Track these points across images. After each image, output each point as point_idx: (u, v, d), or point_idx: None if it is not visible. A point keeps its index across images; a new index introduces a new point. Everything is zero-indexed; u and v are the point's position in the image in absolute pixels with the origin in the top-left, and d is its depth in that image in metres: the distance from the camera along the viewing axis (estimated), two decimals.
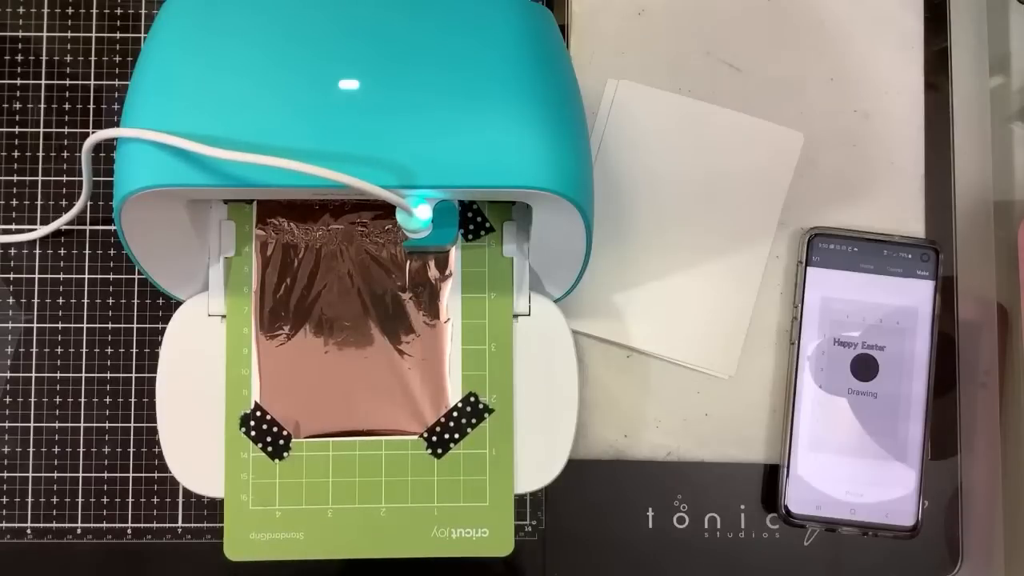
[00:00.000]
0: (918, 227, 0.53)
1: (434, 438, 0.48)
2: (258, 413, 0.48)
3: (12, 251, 0.52)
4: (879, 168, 0.53)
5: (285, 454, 0.48)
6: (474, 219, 0.49)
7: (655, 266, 0.52)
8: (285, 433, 0.48)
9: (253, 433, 0.48)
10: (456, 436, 0.48)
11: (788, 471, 0.50)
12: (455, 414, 0.48)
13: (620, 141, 0.52)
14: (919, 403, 0.51)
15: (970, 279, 0.53)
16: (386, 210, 0.49)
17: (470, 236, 0.49)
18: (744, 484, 0.52)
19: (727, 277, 0.52)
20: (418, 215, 0.41)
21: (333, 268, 0.49)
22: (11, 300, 0.52)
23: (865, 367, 0.51)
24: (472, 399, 0.48)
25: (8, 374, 0.52)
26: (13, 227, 0.52)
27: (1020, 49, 0.56)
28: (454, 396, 0.49)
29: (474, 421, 0.48)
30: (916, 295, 0.51)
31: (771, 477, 0.52)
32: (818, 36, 0.53)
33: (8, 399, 0.52)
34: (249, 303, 0.48)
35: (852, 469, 0.50)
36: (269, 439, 0.48)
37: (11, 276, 0.52)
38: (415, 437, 0.48)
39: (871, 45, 0.54)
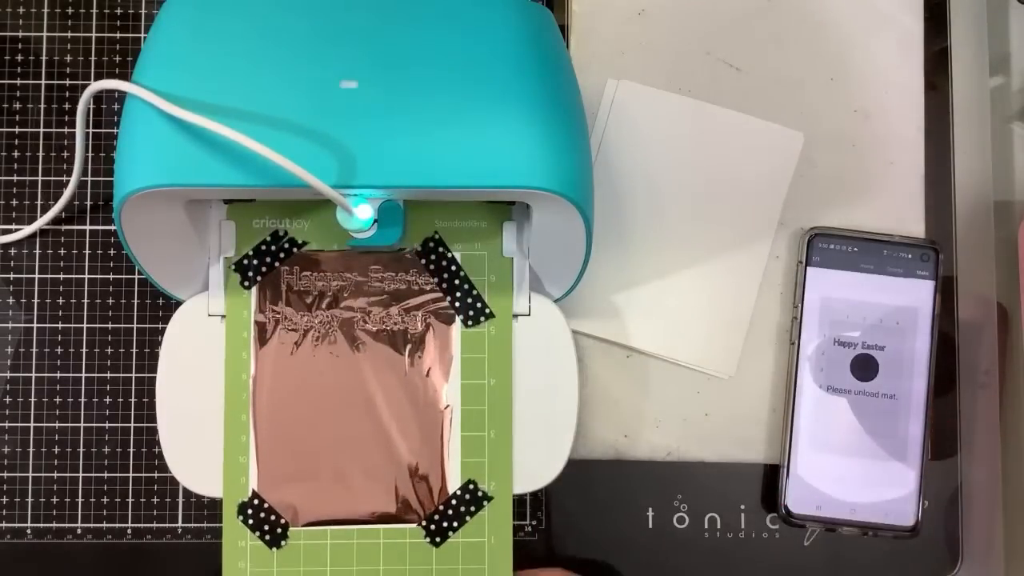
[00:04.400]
0: (918, 227, 0.53)
1: (432, 526, 0.48)
2: (255, 501, 0.48)
3: (12, 251, 0.52)
4: (879, 168, 0.53)
5: (283, 542, 0.48)
6: (474, 304, 0.49)
7: (655, 266, 0.52)
8: (283, 521, 0.48)
9: (251, 521, 0.48)
10: (455, 524, 0.48)
11: (788, 471, 0.50)
12: (454, 502, 0.48)
13: (620, 141, 0.52)
14: (919, 403, 0.51)
15: (970, 279, 0.53)
16: (388, 295, 0.49)
17: (470, 323, 0.49)
18: (744, 484, 0.52)
19: (727, 277, 0.52)
20: (358, 215, 0.41)
21: (332, 353, 0.48)
22: (11, 300, 0.52)
23: (865, 367, 0.51)
24: (471, 487, 0.48)
25: (8, 374, 0.52)
26: (13, 227, 0.52)
27: (1020, 49, 0.56)
28: (453, 484, 0.48)
29: (473, 509, 0.48)
30: (916, 295, 0.51)
31: (771, 477, 0.52)
32: (818, 36, 0.53)
33: (8, 399, 0.52)
34: (247, 389, 0.48)
35: (852, 469, 0.50)
36: (267, 527, 0.48)
37: (11, 276, 0.52)
38: (413, 525, 0.48)
39: (871, 45, 0.54)
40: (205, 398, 0.48)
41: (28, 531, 0.51)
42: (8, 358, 0.52)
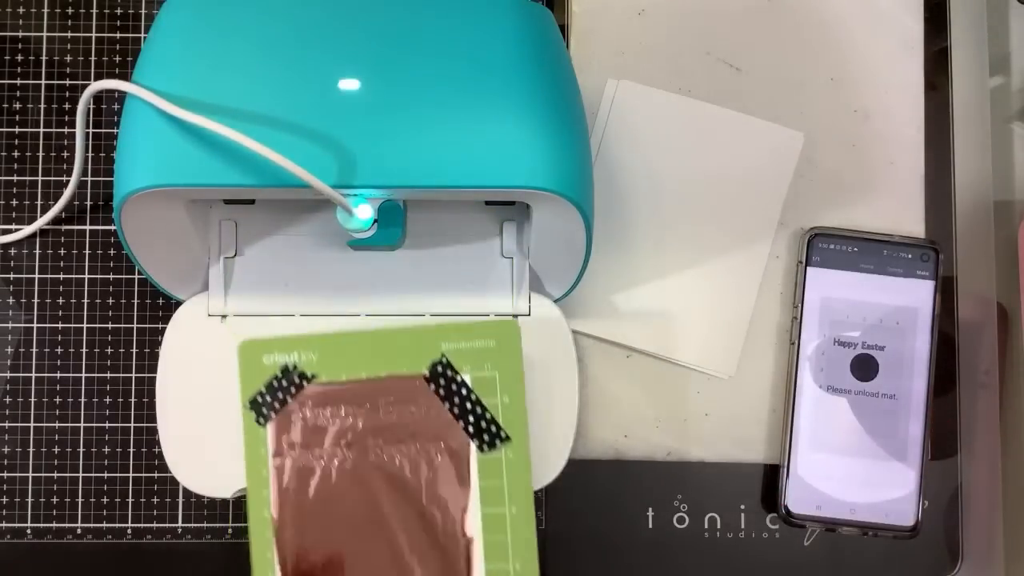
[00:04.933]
0: (918, 227, 0.53)
1: None
2: None
3: (12, 251, 0.52)
4: (879, 168, 0.53)
5: None
6: (488, 428, 0.47)
7: (655, 266, 0.52)
8: None
9: None
10: None
11: (788, 471, 0.50)
12: None
13: (620, 141, 0.52)
14: (919, 403, 0.51)
15: (970, 279, 0.53)
16: (401, 424, 0.47)
17: (485, 447, 0.47)
18: (744, 484, 0.52)
19: (727, 277, 0.52)
20: (359, 215, 0.41)
21: (351, 488, 0.47)
22: (11, 300, 0.52)
23: (865, 367, 0.51)
24: None
25: (8, 374, 0.52)
26: (13, 227, 0.52)
27: (1020, 49, 0.56)
28: None
29: None
30: (916, 295, 0.51)
31: (771, 477, 0.52)
32: (818, 36, 0.53)
33: (8, 399, 0.52)
34: (270, 527, 0.47)
35: (852, 469, 0.50)
36: None
37: (11, 276, 0.52)
38: None
39: (871, 45, 0.54)
40: (205, 398, 0.48)
41: (28, 531, 0.51)
42: (8, 358, 0.52)
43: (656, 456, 0.52)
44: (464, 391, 0.47)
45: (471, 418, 0.47)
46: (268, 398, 0.48)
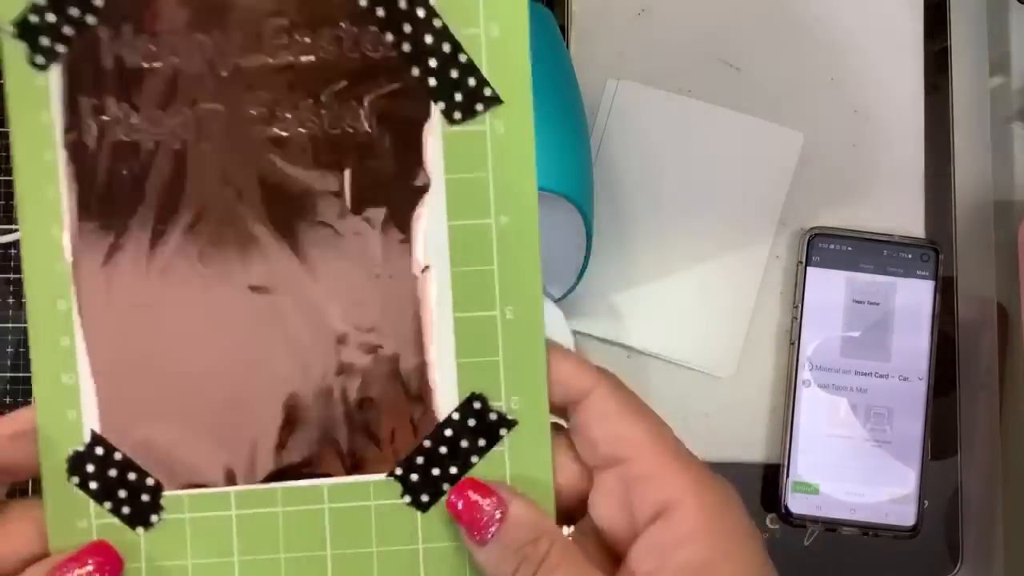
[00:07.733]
0: (918, 227, 0.53)
1: (414, 476, 0.29)
2: (99, 451, 0.28)
3: (12, 251, 0.52)
4: (879, 168, 0.53)
5: (154, 517, 0.28)
6: (463, 80, 0.29)
7: (655, 266, 0.52)
8: (150, 482, 0.28)
9: (95, 486, 0.28)
10: (453, 471, 0.29)
11: (788, 471, 0.50)
12: (448, 433, 0.29)
13: (620, 141, 0.52)
14: (919, 403, 0.51)
15: (970, 279, 0.53)
16: (301, 71, 0.28)
17: (458, 114, 0.29)
18: (744, 484, 0.52)
19: (727, 277, 0.52)
20: None
21: (206, 183, 0.28)
22: (11, 300, 0.52)
23: (865, 367, 0.51)
24: (476, 406, 0.29)
25: (8, 374, 0.52)
26: (13, 227, 0.52)
27: (1020, 49, 0.56)
28: (445, 402, 0.29)
29: (482, 444, 0.29)
30: (916, 295, 0.51)
31: (771, 477, 0.52)
32: (818, 36, 0.53)
33: (8, 399, 0.52)
34: (60, 251, 0.29)
35: (852, 469, 0.50)
36: (124, 494, 0.28)
37: (11, 276, 0.52)
38: (380, 477, 0.29)
39: (871, 45, 0.54)
40: None
41: None
42: (8, 358, 0.52)
43: None
44: (421, 11, 0.28)
45: (433, 62, 0.28)
46: (51, 16, 0.27)
